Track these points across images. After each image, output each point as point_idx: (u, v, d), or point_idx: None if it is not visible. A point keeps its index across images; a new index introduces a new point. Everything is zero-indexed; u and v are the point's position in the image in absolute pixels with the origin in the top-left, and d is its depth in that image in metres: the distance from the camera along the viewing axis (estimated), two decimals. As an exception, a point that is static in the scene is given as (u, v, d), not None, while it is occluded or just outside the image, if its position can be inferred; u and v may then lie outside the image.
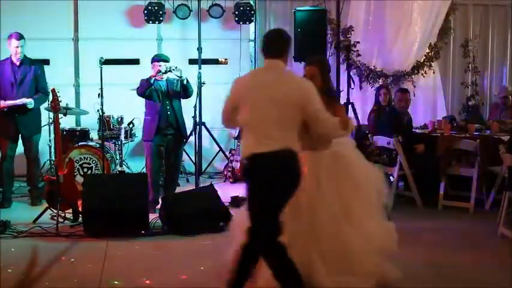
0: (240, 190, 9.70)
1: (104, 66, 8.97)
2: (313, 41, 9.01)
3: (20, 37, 9.04)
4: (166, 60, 8.99)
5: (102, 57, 8.99)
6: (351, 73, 9.08)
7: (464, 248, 7.05)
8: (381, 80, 11.53)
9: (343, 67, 8.97)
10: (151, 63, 9.00)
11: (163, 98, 8.86)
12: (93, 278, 5.99)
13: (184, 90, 8.90)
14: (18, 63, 9.05)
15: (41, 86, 9.16)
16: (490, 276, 6.12)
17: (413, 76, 11.82)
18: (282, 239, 4.83)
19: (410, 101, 9.91)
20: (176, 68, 8.81)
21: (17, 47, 9.01)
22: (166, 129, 8.89)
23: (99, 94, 8.98)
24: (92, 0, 11.40)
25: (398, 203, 9.11)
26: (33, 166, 9.33)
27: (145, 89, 8.74)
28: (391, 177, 9.21)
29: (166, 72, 8.81)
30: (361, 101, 11.38)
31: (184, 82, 8.84)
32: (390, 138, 9.05)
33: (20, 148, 9.31)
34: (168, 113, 8.88)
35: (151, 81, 8.73)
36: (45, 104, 9.44)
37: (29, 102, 8.95)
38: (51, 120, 9.97)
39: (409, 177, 9.07)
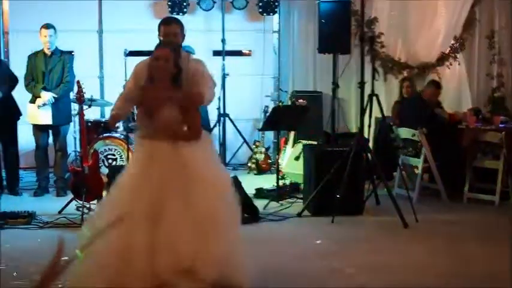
0: (264, 182, 9.73)
1: (128, 57, 9.01)
2: (337, 33, 8.96)
3: (49, 27, 9.14)
4: (190, 52, 8.99)
5: (126, 49, 9.05)
6: (375, 65, 9.03)
7: (488, 241, 7.01)
8: (405, 72, 11.46)
9: (367, 59, 8.93)
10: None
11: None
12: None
13: None
14: (49, 54, 9.17)
15: (66, 79, 9.22)
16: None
17: (438, 68, 11.74)
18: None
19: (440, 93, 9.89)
20: None
21: (46, 36, 9.11)
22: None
23: (123, 86, 9.01)
24: (116, -8, 11.45)
25: (423, 195, 9.08)
26: (60, 157, 9.41)
27: None
28: (415, 170, 9.18)
29: None
30: (386, 93, 11.33)
31: None
32: (415, 130, 9.01)
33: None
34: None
35: None
36: (71, 96, 9.50)
37: (49, 99, 9.04)
38: (76, 112, 10.02)
39: (434, 170, 9.03)
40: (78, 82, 8.49)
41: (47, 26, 9.18)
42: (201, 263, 4.84)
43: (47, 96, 9.08)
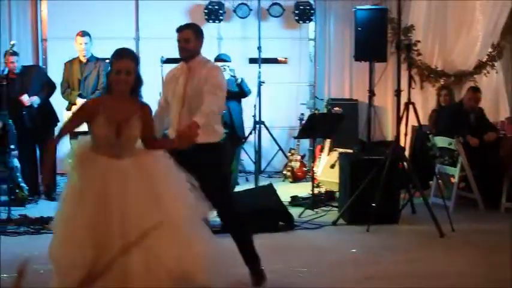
0: (299, 190, 9.71)
1: (164, 65, 9.06)
2: (373, 41, 8.93)
3: (84, 34, 9.24)
4: (225, 60, 9.04)
5: (163, 56, 9.10)
6: (412, 73, 8.97)
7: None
8: (442, 80, 11.38)
9: (403, 66, 8.88)
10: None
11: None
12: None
13: (240, 90, 8.96)
14: (84, 61, 9.27)
15: (101, 86, 9.30)
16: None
17: (475, 76, 11.63)
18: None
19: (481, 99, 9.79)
20: (227, 67, 8.85)
21: (81, 43, 9.21)
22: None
23: (160, 93, 9.06)
24: (153, 0, 11.52)
25: (460, 204, 9.00)
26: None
27: None
28: (452, 179, 9.10)
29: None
30: (422, 101, 11.25)
31: (238, 81, 8.89)
32: (451, 139, 8.95)
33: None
34: (224, 112, 8.91)
35: None
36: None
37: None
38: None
39: (470, 179, 8.94)
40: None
41: (83, 34, 9.28)
42: (192, 267, 4.79)
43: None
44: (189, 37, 5.92)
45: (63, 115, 9.33)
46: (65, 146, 9.33)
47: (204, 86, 5.74)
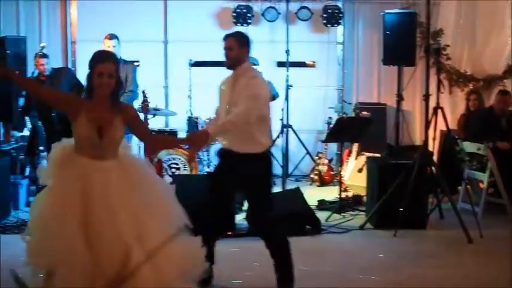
0: (326, 194, 9.70)
1: (192, 68, 9.09)
2: (402, 45, 8.89)
3: (112, 37, 9.29)
4: (253, 64, 9.02)
5: (191, 59, 9.14)
6: (441, 77, 8.93)
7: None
8: (471, 85, 11.29)
9: (432, 71, 8.84)
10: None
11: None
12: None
13: None
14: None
15: (128, 88, 9.34)
16: None
17: (505, 81, 11.53)
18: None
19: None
20: None
21: (109, 46, 9.26)
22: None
23: (188, 95, 9.12)
24: (181, 3, 11.56)
25: (489, 210, 8.92)
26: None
27: None
28: (481, 184, 9.04)
29: None
30: (451, 106, 11.17)
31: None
32: (480, 144, 8.89)
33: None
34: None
35: None
36: (136, 105, 9.62)
37: None
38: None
39: (499, 184, 8.86)
40: (143, 92, 8.60)
41: (111, 37, 9.33)
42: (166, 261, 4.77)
43: None
44: (232, 45, 5.83)
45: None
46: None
47: (242, 95, 5.76)
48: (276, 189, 9.83)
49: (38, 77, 9.85)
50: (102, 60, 4.93)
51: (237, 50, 5.81)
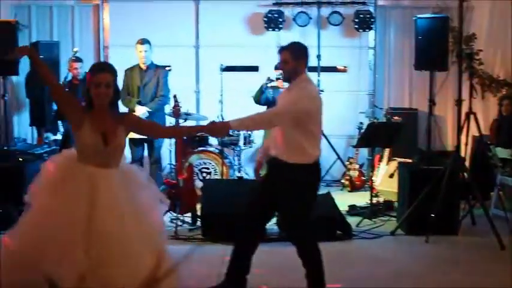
0: (357, 199, 9.66)
1: (223, 72, 9.12)
2: (434, 49, 8.83)
3: (144, 42, 9.35)
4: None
5: (222, 64, 9.16)
6: (473, 82, 8.87)
7: None
8: (504, 90, 11.19)
9: (464, 76, 8.78)
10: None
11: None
12: (209, 281, 6.08)
13: None
14: (144, 68, 9.37)
15: (159, 93, 9.38)
16: None
17: (538, 86, 11.42)
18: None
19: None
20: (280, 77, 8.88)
21: (141, 51, 9.32)
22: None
23: (219, 100, 9.15)
24: (213, 8, 11.61)
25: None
26: (155, 169, 9.57)
27: (257, 97, 8.90)
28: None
29: (272, 81, 8.91)
30: (483, 111, 11.08)
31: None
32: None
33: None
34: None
35: (263, 88, 8.87)
36: (167, 110, 9.66)
37: (143, 113, 9.21)
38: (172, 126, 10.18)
39: (532, 191, 8.80)
40: (174, 96, 8.63)
41: (142, 41, 9.39)
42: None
43: (141, 110, 9.26)
44: (287, 58, 5.77)
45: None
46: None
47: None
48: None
49: (71, 80, 9.95)
50: (98, 70, 5.00)
51: (293, 62, 5.74)
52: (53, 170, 4.93)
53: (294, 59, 5.74)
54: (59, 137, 10.15)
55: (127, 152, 9.44)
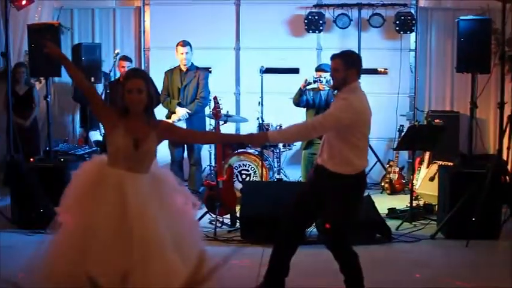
0: (397, 202, 9.61)
1: (264, 75, 9.14)
2: (476, 52, 8.75)
3: (185, 44, 9.40)
4: (325, 70, 9.03)
5: (262, 66, 9.18)
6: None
7: None
8: (547, 93, 11.05)
9: (507, 78, 8.69)
10: (316, 72, 9.16)
11: (319, 108, 8.92)
12: (248, 283, 6.09)
13: None
14: (185, 70, 9.43)
15: (200, 95, 9.42)
16: None
17: None
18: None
19: None
20: (323, 78, 8.84)
21: (182, 53, 9.38)
22: (319, 139, 8.93)
23: (259, 102, 9.17)
24: (253, 10, 11.64)
25: None
26: (194, 171, 9.62)
27: (296, 98, 8.90)
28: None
29: (309, 83, 8.89)
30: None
31: (335, 92, 8.86)
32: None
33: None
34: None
35: (301, 91, 8.88)
36: (207, 111, 9.71)
37: (183, 114, 9.27)
38: (212, 127, 10.23)
39: None
40: (215, 98, 8.68)
41: (184, 44, 9.45)
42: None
43: (181, 112, 9.32)
44: (338, 67, 5.74)
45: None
46: (161, 154, 9.59)
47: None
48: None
49: (118, 79, 10.04)
50: (130, 76, 5.05)
51: (343, 71, 5.70)
52: (82, 175, 5.02)
53: (345, 67, 5.69)
54: (99, 137, 10.27)
55: (167, 153, 9.56)
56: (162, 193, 5.00)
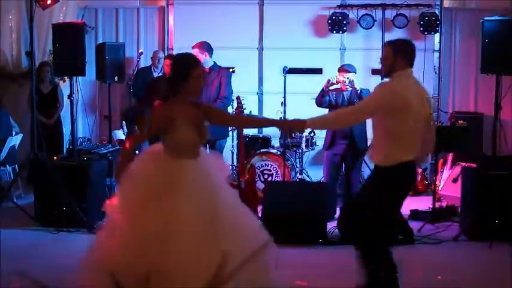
0: (420, 203, 9.57)
1: (287, 75, 9.13)
2: (501, 53, 8.69)
3: (196, 46, 9.49)
4: (349, 71, 9.00)
5: (286, 66, 9.17)
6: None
7: None
8: None
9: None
10: (339, 72, 9.14)
11: (341, 108, 8.91)
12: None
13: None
14: (207, 70, 9.43)
15: (222, 94, 9.41)
16: None
17: None
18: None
19: None
20: (347, 79, 8.82)
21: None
22: (341, 140, 8.94)
23: (282, 102, 9.16)
24: (277, 10, 11.64)
25: None
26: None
27: (319, 99, 8.89)
28: None
29: (332, 84, 8.87)
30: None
31: (358, 92, 8.85)
32: None
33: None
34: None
35: (324, 91, 8.87)
36: (230, 111, 9.72)
37: None
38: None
39: None
40: (238, 98, 8.69)
41: (196, 46, 9.52)
42: None
43: None
44: (388, 55, 5.76)
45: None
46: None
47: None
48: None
49: (163, 76, 10.08)
50: (197, 63, 5.25)
51: (392, 58, 5.71)
52: (140, 167, 5.04)
53: (394, 55, 5.71)
54: (122, 137, 10.31)
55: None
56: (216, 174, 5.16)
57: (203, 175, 4.97)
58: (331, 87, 8.94)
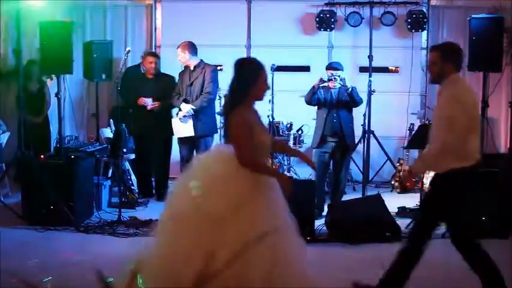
0: (407, 201, 9.58)
1: (274, 72, 9.13)
2: (488, 50, 8.72)
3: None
4: (337, 68, 9.01)
5: (273, 64, 9.17)
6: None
7: None
8: (559, 92, 11.01)
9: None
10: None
11: (331, 106, 8.92)
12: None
13: (350, 99, 8.93)
14: (192, 68, 9.42)
15: (204, 90, 9.39)
16: None
17: None
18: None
19: None
20: (338, 77, 8.83)
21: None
22: (331, 137, 8.95)
23: (269, 100, 9.16)
24: (264, 8, 11.65)
25: None
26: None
27: (309, 97, 8.89)
28: None
29: (323, 82, 8.87)
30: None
31: (349, 90, 8.86)
32: None
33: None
34: (334, 121, 8.93)
35: (315, 89, 8.87)
36: (218, 108, 9.71)
37: (188, 111, 9.26)
38: (222, 125, 10.22)
39: None
40: (225, 96, 8.66)
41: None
42: None
43: (186, 108, 9.29)
44: (435, 60, 5.67)
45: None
46: (174, 151, 9.58)
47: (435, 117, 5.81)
48: (356, 195, 9.84)
49: (144, 74, 10.05)
50: (264, 66, 5.44)
51: (441, 64, 5.63)
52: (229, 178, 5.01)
53: (443, 60, 5.62)
54: (110, 135, 10.28)
55: (176, 151, 9.58)
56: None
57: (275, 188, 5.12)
58: (320, 85, 8.95)
